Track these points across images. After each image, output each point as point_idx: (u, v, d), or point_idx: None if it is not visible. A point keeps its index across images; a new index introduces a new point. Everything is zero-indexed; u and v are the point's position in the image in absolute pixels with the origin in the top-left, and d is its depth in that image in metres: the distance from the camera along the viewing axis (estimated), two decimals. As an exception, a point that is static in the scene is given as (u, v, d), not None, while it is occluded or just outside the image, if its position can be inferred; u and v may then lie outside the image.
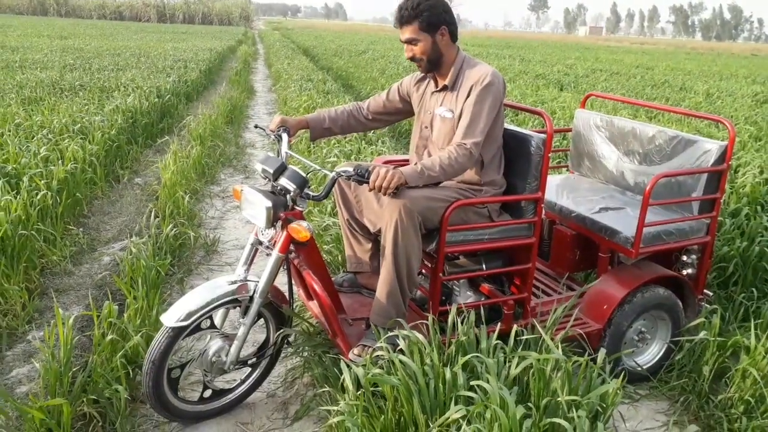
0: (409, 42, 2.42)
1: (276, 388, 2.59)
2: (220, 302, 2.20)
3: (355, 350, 2.28)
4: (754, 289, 3.21)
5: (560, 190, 3.11)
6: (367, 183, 2.16)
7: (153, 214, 4.10)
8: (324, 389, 2.22)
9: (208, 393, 2.38)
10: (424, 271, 2.66)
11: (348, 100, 8.26)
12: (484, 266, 2.59)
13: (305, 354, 2.62)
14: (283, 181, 2.20)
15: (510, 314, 2.55)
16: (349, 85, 12.05)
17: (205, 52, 16.82)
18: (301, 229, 2.14)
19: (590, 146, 3.30)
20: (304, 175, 2.21)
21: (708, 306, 2.85)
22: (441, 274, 2.41)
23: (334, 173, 2.23)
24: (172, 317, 2.13)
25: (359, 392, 1.97)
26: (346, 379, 1.96)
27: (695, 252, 2.85)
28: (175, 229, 3.87)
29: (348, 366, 2.09)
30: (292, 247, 2.31)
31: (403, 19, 2.40)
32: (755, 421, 2.27)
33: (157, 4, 68.67)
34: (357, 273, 2.79)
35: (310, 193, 2.25)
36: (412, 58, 2.45)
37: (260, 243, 2.33)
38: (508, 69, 16.31)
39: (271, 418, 2.42)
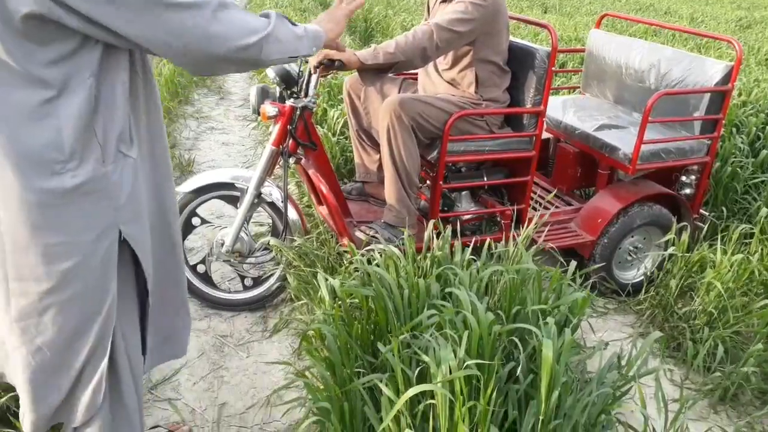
0: None
1: (254, 302, 2.63)
2: (218, 181, 2.39)
3: (363, 228, 2.48)
4: (724, 208, 3.28)
5: (567, 108, 3.13)
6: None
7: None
8: (302, 302, 2.26)
9: (248, 282, 2.57)
10: (427, 181, 2.79)
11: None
12: (485, 178, 2.69)
13: (282, 270, 2.64)
14: (269, 72, 2.25)
15: (508, 224, 2.66)
16: (327, 4, 11.59)
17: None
18: (265, 110, 2.25)
19: (601, 66, 3.29)
20: (288, 69, 2.26)
21: (702, 225, 2.93)
22: (441, 183, 2.50)
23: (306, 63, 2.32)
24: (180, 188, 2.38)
25: (336, 303, 2.00)
26: (323, 290, 1.98)
27: (695, 172, 2.90)
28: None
29: (325, 279, 2.12)
30: (301, 151, 2.41)
31: None
32: (717, 331, 2.37)
33: None
34: (365, 182, 2.90)
35: (298, 92, 2.31)
36: None
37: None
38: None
39: (250, 331, 2.46)
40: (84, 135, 1.14)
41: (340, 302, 1.93)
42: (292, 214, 2.46)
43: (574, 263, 2.23)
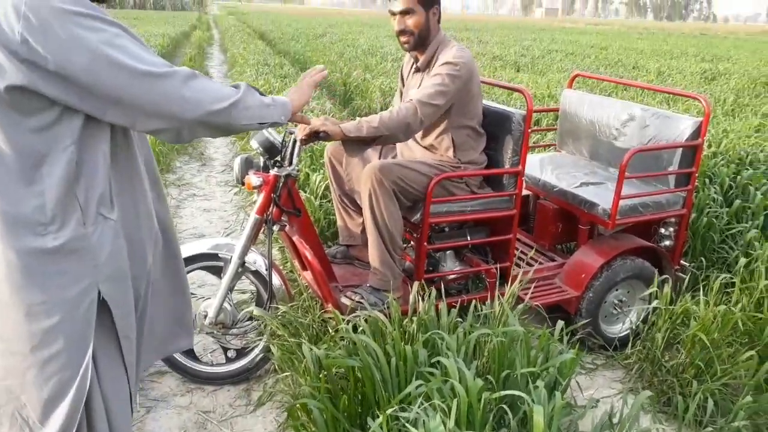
0: (405, 13, 2.46)
1: (238, 374, 2.57)
2: (202, 252, 2.37)
3: (348, 294, 2.45)
4: (702, 259, 3.32)
5: (545, 166, 3.20)
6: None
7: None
8: (286, 374, 2.21)
9: (232, 354, 2.52)
10: (411, 242, 2.79)
11: (306, 84, 8.14)
12: (468, 237, 2.71)
13: (265, 341, 2.60)
14: (252, 143, 2.29)
15: (493, 283, 2.66)
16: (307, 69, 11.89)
17: (158, 38, 16.34)
18: (250, 180, 2.26)
19: (575, 124, 3.38)
20: (271, 139, 2.28)
21: (684, 276, 2.97)
22: (426, 244, 2.53)
23: (288, 133, 2.38)
24: None
25: (321, 374, 1.96)
26: (308, 361, 1.95)
27: (673, 224, 2.97)
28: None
29: (310, 349, 2.09)
30: (285, 218, 2.42)
31: None
32: (705, 384, 2.36)
33: (105, -12, 66.21)
34: (349, 246, 2.90)
35: (281, 161, 2.34)
36: (402, 31, 2.50)
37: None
38: (466, 51, 16.31)
39: (233, 405, 2.40)
40: (65, 199, 1.20)
41: (325, 373, 1.89)
42: (277, 281, 2.44)
43: (560, 323, 2.23)
